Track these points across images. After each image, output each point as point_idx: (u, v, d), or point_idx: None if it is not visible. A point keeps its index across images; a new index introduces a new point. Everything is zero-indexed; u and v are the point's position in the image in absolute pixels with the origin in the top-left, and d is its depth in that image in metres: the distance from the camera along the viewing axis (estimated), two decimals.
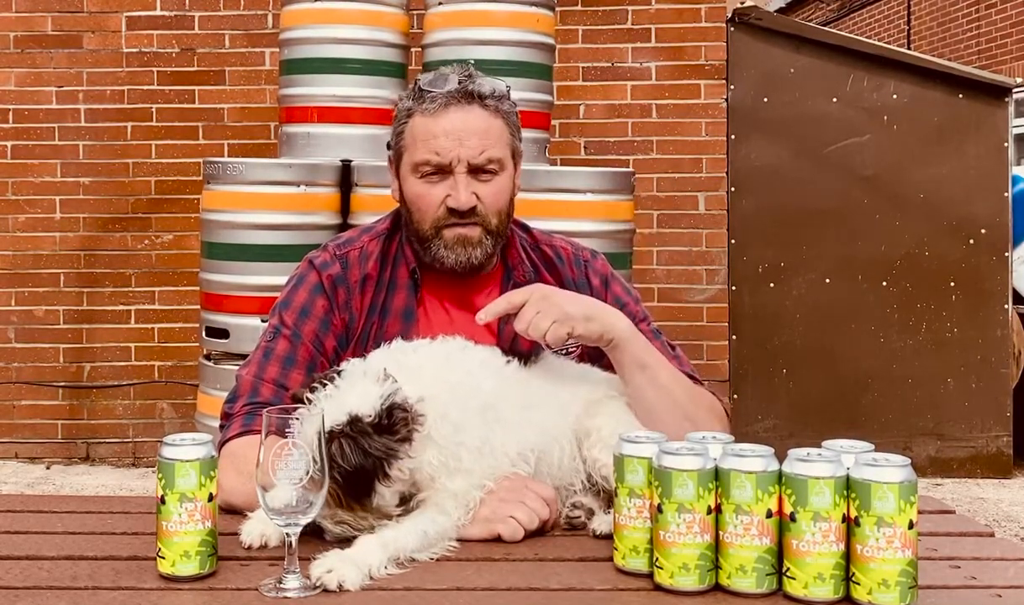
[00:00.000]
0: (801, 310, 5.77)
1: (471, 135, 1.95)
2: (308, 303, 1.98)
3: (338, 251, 2.03)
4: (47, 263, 5.88)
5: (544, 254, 2.11)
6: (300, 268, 2.05)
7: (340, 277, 1.99)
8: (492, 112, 1.98)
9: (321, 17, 4.62)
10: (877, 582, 1.37)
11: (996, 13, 11.42)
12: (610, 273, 2.14)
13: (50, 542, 1.65)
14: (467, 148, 1.95)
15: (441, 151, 1.94)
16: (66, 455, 5.89)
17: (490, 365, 1.78)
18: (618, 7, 5.84)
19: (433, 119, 1.96)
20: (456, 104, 1.96)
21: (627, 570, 1.51)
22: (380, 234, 2.07)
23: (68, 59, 5.89)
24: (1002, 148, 5.72)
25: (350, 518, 1.58)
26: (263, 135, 5.79)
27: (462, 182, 1.95)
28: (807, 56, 5.78)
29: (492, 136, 1.97)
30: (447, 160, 1.95)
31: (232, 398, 1.94)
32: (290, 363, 1.93)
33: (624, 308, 2.08)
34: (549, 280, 2.07)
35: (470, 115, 1.96)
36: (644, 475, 1.49)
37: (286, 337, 1.95)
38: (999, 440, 5.70)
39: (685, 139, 5.81)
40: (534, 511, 1.66)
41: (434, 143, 1.95)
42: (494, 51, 4.44)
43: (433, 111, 1.96)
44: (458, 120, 1.95)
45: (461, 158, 1.94)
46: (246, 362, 1.98)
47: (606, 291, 2.10)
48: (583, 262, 2.12)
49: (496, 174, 1.98)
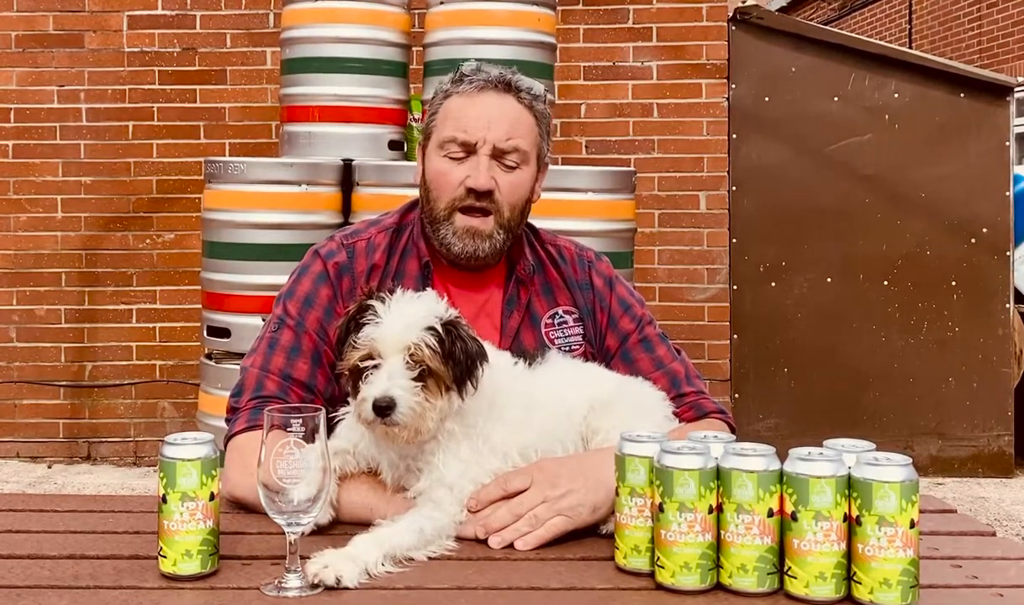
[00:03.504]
0: (802, 309, 5.78)
1: (502, 120, 1.97)
2: (312, 292, 1.97)
3: (345, 241, 2.04)
4: (48, 262, 5.88)
5: (549, 252, 2.11)
6: (305, 258, 2.05)
7: (346, 265, 2.00)
8: (526, 106, 2.01)
9: (322, 16, 4.62)
10: (879, 581, 1.37)
11: (997, 12, 11.41)
12: (614, 275, 2.14)
13: (52, 541, 1.65)
14: (495, 131, 1.96)
15: (469, 129, 1.96)
16: (68, 454, 5.89)
17: (498, 363, 1.78)
18: (619, 6, 5.84)
19: (468, 99, 1.99)
20: (493, 89, 1.99)
21: (628, 569, 1.51)
22: (388, 227, 2.07)
23: (69, 58, 5.89)
24: (1003, 147, 5.72)
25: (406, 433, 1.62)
26: (264, 134, 5.79)
27: (483, 163, 1.96)
28: (808, 55, 5.78)
29: (522, 127, 1.99)
30: (473, 139, 1.96)
31: (238, 392, 1.93)
32: (295, 353, 1.93)
33: (629, 310, 2.09)
34: (553, 277, 2.08)
35: (504, 102, 1.99)
36: (645, 474, 1.49)
37: (290, 327, 1.95)
38: (1000, 439, 5.70)
39: (686, 138, 5.81)
40: None
41: (464, 121, 1.97)
42: (495, 50, 4.43)
43: (469, 93, 1.99)
44: (491, 104, 1.98)
45: (487, 140, 1.96)
46: (250, 352, 1.97)
47: (610, 293, 2.10)
48: (587, 263, 2.12)
49: (518, 167, 1.99)
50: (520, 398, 1.74)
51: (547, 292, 2.07)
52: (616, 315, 2.08)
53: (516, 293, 2.04)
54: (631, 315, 2.09)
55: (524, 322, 2.03)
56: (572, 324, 2.05)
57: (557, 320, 2.05)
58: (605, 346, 2.07)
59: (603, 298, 2.08)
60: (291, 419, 1.45)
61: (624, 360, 2.05)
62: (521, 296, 2.04)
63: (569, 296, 2.07)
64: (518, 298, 2.04)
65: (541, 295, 2.06)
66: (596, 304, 2.08)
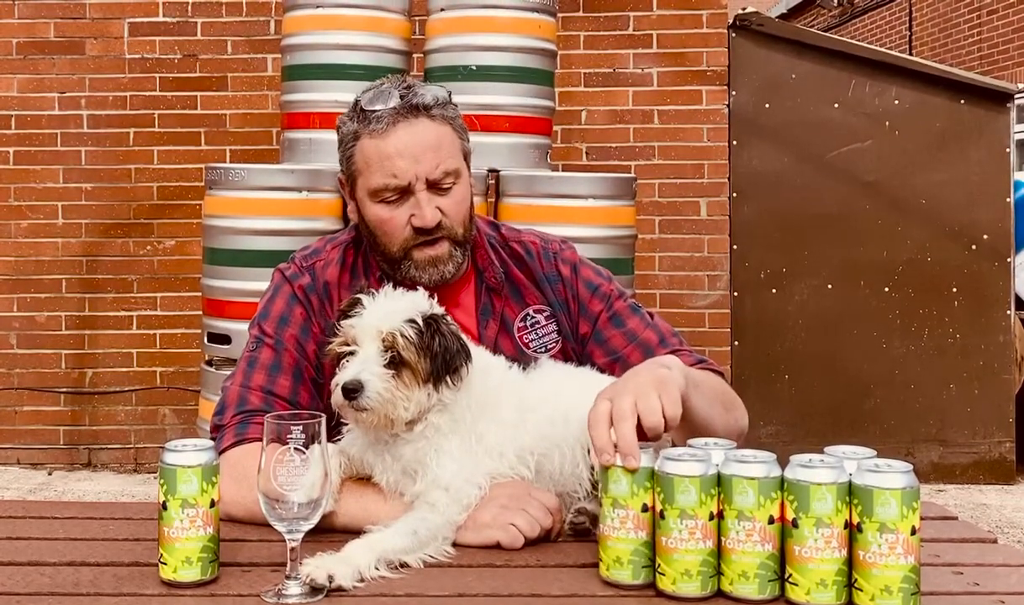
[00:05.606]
0: (803, 316, 5.78)
1: (424, 151, 1.91)
2: (286, 311, 1.97)
3: (305, 262, 2.02)
4: (49, 269, 5.89)
5: (513, 251, 2.08)
6: (274, 280, 2.03)
7: (311, 286, 1.98)
8: (439, 121, 1.95)
9: (323, 23, 4.62)
10: (880, 588, 1.37)
11: (998, 19, 11.42)
12: (579, 259, 2.11)
13: (52, 548, 1.65)
14: (423, 165, 1.91)
15: (398, 173, 1.91)
16: (68, 461, 5.89)
17: (491, 365, 1.78)
18: (620, 13, 5.85)
19: (383, 140, 1.92)
20: (403, 120, 1.92)
21: (611, 581, 1.49)
22: (343, 243, 2.05)
23: (70, 65, 5.90)
24: (1004, 154, 5.72)
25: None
26: (265, 141, 5.79)
27: (424, 199, 1.92)
28: (809, 62, 5.79)
29: (444, 148, 1.94)
30: (405, 181, 1.91)
31: (220, 410, 1.92)
32: (276, 369, 1.92)
33: (597, 290, 2.06)
34: (520, 277, 2.05)
35: (420, 129, 1.92)
36: (628, 485, 1.48)
37: (269, 345, 1.94)
38: (1002, 446, 5.70)
39: (687, 145, 5.81)
40: (536, 519, 1.65)
41: (389, 165, 1.91)
42: (496, 57, 4.44)
43: (381, 131, 1.92)
44: (409, 137, 1.91)
45: (419, 176, 1.91)
46: (230, 375, 1.96)
47: (576, 278, 2.07)
48: (552, 254, 2.09)
49: (454, 184, 1.95)
50: (514, 399, 1.73)
51: (515, 294, 2.04)
52: (584, 299, 2.05)
53: (489, 302, 2.02)
54: (599, 295, 2.06)
55: (500, 330, 2.01)
56: (544, 323, 2.03)
57: (529, 322, 2.03)
58: (580, 334, 2.04)
59: (571, 285, 2.06)
60: (291, 425, 1.46)
61: (598, 341, 2.02)
62: (495, 305, 2.02)
63: (538, 294, 2.05)
64: (492, 307, 2.02)
65: (511, 299, 2.04)
66: (567, 294, 2.05)
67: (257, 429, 1.68)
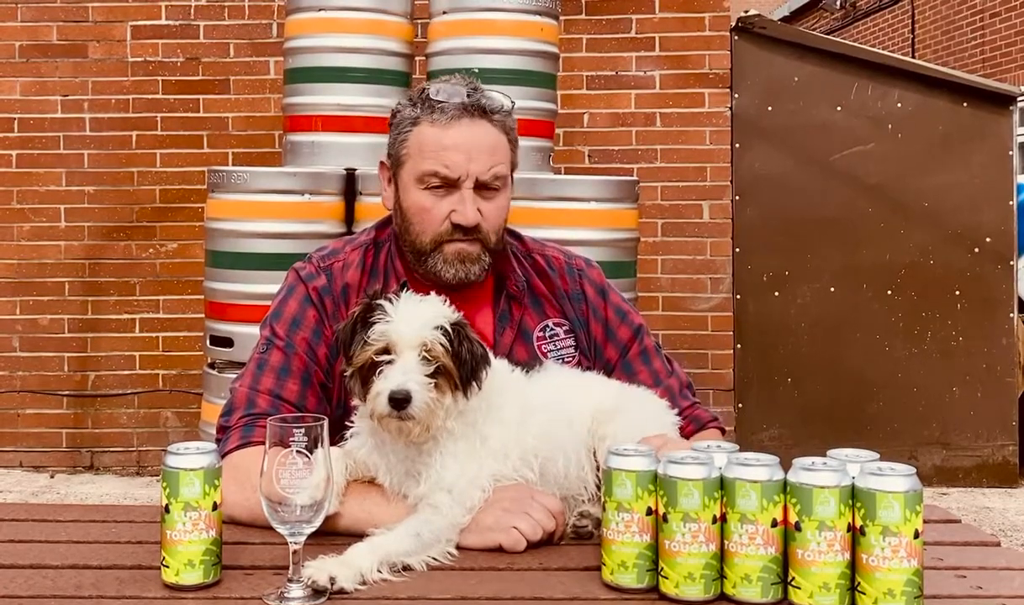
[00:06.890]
0: (806, 319, 5.77)
1: (481, 151, 1.93)
2: (299, 314, 1.97)
3: (322, 263, 2.02)
4: (52, 272, 5.89)
5: (536, 263, 2.10)
6: (288, 280, 2.04)
7: (326, 288, 1.98)
8: (499, 128, 1.97)
9: (325, 26, 4.62)
10: (882, 592, 1.37)
11: (1000, 22, 11.41)
12: (606, 284, 2.13)
13: (54, 551, 1.65)
14: (477, 164, 1.93)
15: (451, 165, 1.92)
16: (70, 464, 5.89)
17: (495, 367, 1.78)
18: (622, 16, 5.85)
19: (443, 130, 1.94)
20: (467, 117, 1.94)
21: (614, 585, 1.49)
22: (362, 244, 2.05)
23: (73, 68, 5.90)
24: (1007, 156, 5.71)
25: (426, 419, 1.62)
26: (267, 144, 5.79)
27: (468, 198, 1.93)
28: (811, 65, 5.79)
29: (499, 153, 1.96)
30: (456, 175, 1.93)
31: (228, 411, 1.92)
32: (285, 373, 1.92)
33: (626, 318, 2.08)
34: (541, 289, 2.06)
35: (480, 130, 1.95)
36: (632, 489, 1.47)
37: (279, 348, 1.94)
38: (1005, 449, 5.69)
39: (689, 148, 5.81)
40: (538, 522, 1.65)
41: (444, 156, 1.93)
42: (498, 60, 4.44)
43: (444, 122, 1.94)
44: (469, 134, 1.94)
45: (470, 173, 1.93)
46: (239, 376, 1.96)
47: (604, 303, 2.09)
48: (576, 271, 2.10)
49: (499, 191, 1.97)
50: (517, 400, 1.73)
51: (536, 305, 2.05)
52: (613, 325, 2.07)
53: (508, 309, 2.03)
54: (628, 324, 2.08)
55: (517, 338, 2.01)
56: (563, 336, 2.04)
57: (548, 333, 2.04)
58: (605, 357, 2.06)
59: (597, 308, 2.07)
60: (294, 428, 1.46)
61: (626, 371, 2.04)
62: (514, 312, 2.03)
63: (558, 308, 2.06)
64: (510, 314, 2.02)
65: (530, 308, 2.04)
66: (590, 315, 2.07)
67: (262, 433, 1.68)
